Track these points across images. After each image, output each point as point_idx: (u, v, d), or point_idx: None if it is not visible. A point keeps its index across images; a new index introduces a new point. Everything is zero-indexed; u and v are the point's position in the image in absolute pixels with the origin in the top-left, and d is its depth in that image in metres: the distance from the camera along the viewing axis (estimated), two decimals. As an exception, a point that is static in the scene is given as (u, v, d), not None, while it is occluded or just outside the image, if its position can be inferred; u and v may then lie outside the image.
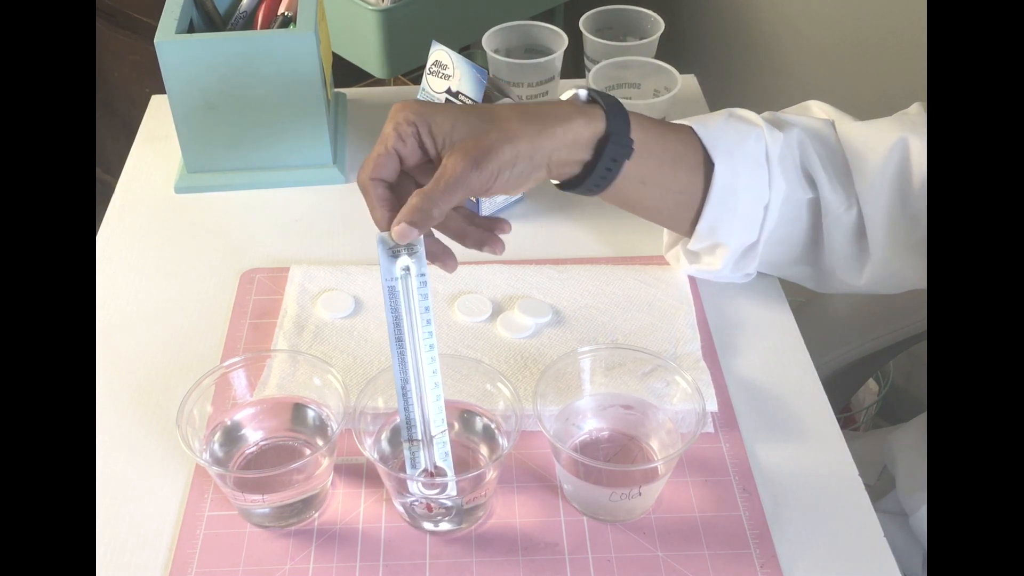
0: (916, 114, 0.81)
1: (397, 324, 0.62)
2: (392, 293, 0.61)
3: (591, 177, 0.70)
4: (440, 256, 0.68)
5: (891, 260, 0.78)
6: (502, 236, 0.69)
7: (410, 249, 0.61)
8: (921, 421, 0.92)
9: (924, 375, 0.80)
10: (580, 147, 0.69)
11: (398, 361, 0.62)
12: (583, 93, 0.72)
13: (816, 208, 0.79)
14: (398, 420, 0.70)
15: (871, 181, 0.76)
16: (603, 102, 0.70)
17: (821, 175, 0.78)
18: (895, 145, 0.76)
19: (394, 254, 0.61)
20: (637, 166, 0.71)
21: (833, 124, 0.80)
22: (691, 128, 0.76)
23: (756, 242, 0.79)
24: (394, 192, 0.66)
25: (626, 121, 0.70)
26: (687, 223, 0.78)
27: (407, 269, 0.61)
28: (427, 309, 0.62)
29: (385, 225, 0.64)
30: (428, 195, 0.63)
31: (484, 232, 0.69)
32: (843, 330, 1.08)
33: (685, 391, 0.69)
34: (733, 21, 1.71)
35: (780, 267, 0.84)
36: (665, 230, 0.85)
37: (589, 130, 0.68)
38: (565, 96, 0.74)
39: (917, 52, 1.43)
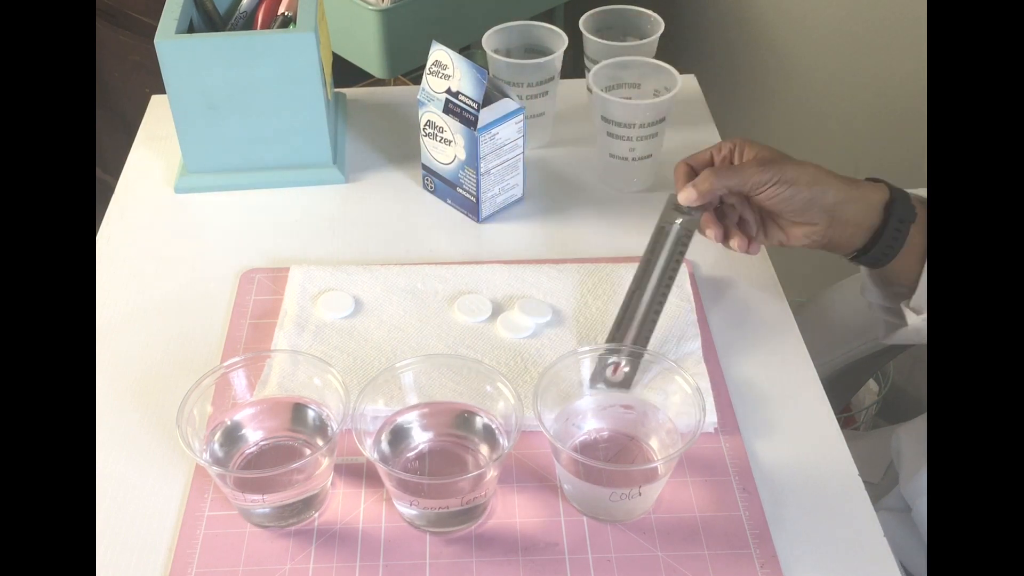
0: None
1: (653, 256, 0.78)
2: (660, 232, 0.78)
3: (882, 239, 0.75)
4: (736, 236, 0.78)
5: None
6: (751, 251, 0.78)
7: (687, 216, 0.77)
8: (925, 417, 0.91)
9: (924, 375, 0.80)
10: (872, 209, 0.75)
11: (639, 277, 0.78)
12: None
13: None
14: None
15: None
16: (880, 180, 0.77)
17: None
18: None
19: (676, 208, 0.78)
20: (917, 234, 0.75)
21: None
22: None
23: None
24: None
25: (904, 192, 0.76)
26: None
27: (677, 224, 0.77)
28: (678, 263, 0.77)
29: (678, 190, 0.78)
30: (710, 172, 0.76)
31: (745, 238, 0.78)
32: (843, 330, 1.08)
33: (685, 391, 0.68)
34: (733, 21, 1.71)
35: None
36: (881, 321, 0.85)
37: (878, 194, 0.75)
38: None
39: (917, 53, 1.43)
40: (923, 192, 0.78)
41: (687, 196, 0.76)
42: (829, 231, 0.75)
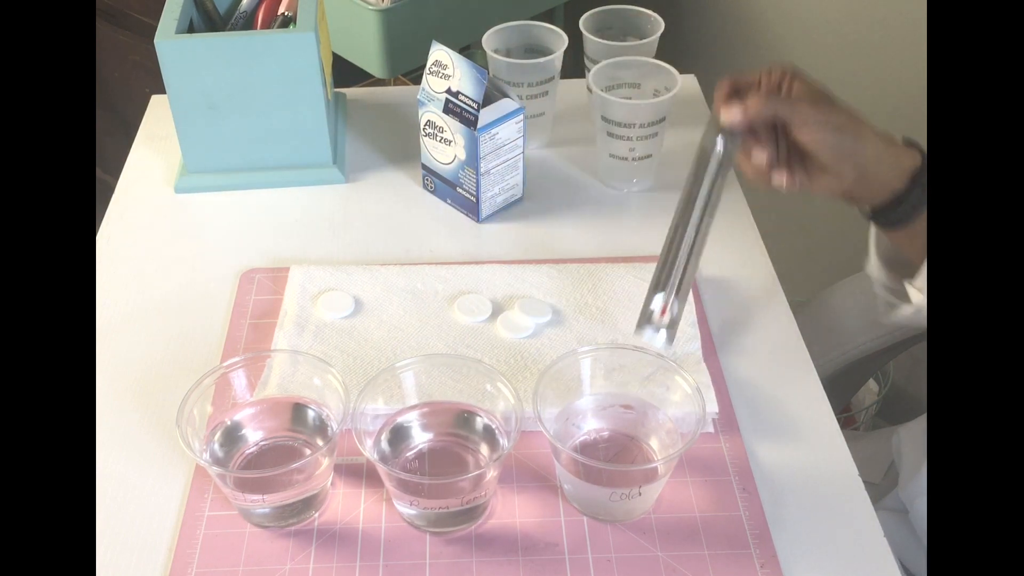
0: None
1: (696, 182, 0.74)
2: (703, 153, 0.74)
3: (901, 206, 0.74)
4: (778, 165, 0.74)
5: None
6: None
7: (732, 139, 0.73)
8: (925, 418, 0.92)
9: (924, 375, 0.80)
10: (901, 174, 0.73)
11: (681, 208, 0.74)
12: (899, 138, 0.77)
13: None
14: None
15: None
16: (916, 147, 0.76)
17: None
18: None
19: (720, 132, 0.73)
20: None
21: None
22: None
23: None
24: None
25: None
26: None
27: (722, 148, 0.73)
28: (720, 191, 0.74)
29: (718, 110, 0.74)
30: (762, 96, 0.73)
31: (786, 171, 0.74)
32: (843, 330, 1.08)
33: (685, 391, 0.68)
34: (733, 21, 1.71)
35: None
36: (881, 301, 0.85)
37: (910, 159, 0.73)
38: None
39: (918, 52, 1.43)
40: None
41: (732, 115, 0.72)
42: (853, 186, 0.73)
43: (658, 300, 0.71)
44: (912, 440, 0.89)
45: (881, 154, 0.73)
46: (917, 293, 0.78)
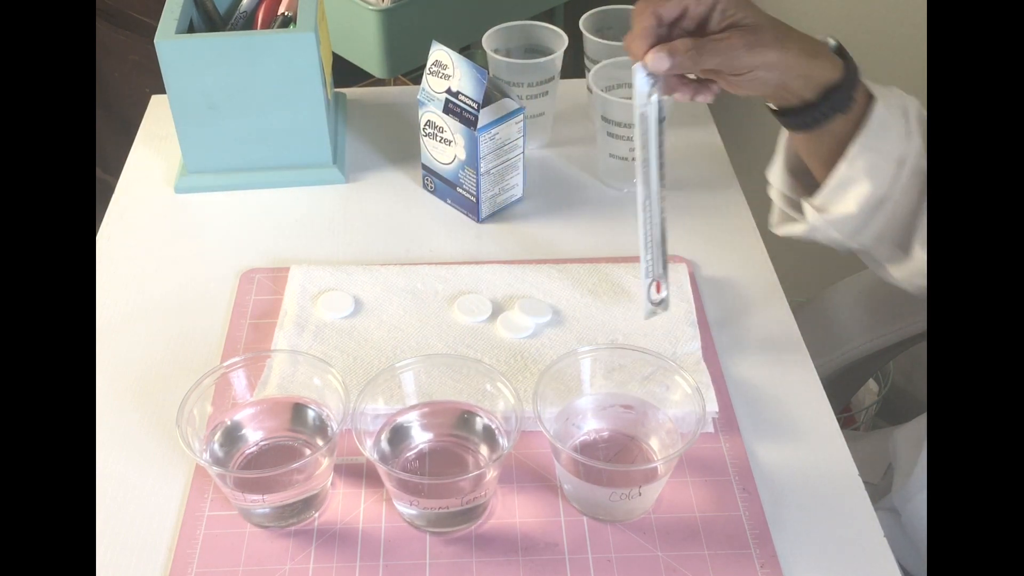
0: None
1: (644, 147, 0.73)
2: (643, 119, 0.72)
3: (806, 114, 0.74)
4: (698, 90, 0.73)
5: None
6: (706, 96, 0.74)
7: (659, 91, 0.71)
8: (922, 420, 0.91)
9: (924, 375, 0.80)
10: (812, 86, 0.73)
11: (642, 180, 0.73)
12: (832, 42, 0.76)
13: (925, 181, 0.78)
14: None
15: None
16: (845, 59, 0.74)
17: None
18: None
19: (648, 83, 0.70)
20: (845, 124, 0.75)
21: None
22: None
23: (886, 198, 0.77)
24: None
25: (855, 82, 0.74)
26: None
27: (655, 103, 0.71)
28: (662, 144, 0.73)
29: (640, 55, 0.70)
30: (699, 45, 0.68)
31: (706, 89, 0.73)
32: (843, 330, 1.07)
33: (685, 391, 0.68)
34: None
35: (885, 244, 0.82)
36: (775, 208, 0.85)
37: (826, 75, 0.72)
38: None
39: (918, 52, 1.43)
40: (895, 89, 0.78)
41: (658, 62, 0.68)
42: (774, 91, 0.73)
43: (649, 279, 0.75)
44: (907, 442, 0.89)
45: (803, 70, 0.72)
46: (813, 212, 0.79)
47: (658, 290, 0.75)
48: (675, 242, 0.91)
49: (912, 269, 0.82)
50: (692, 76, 0.74)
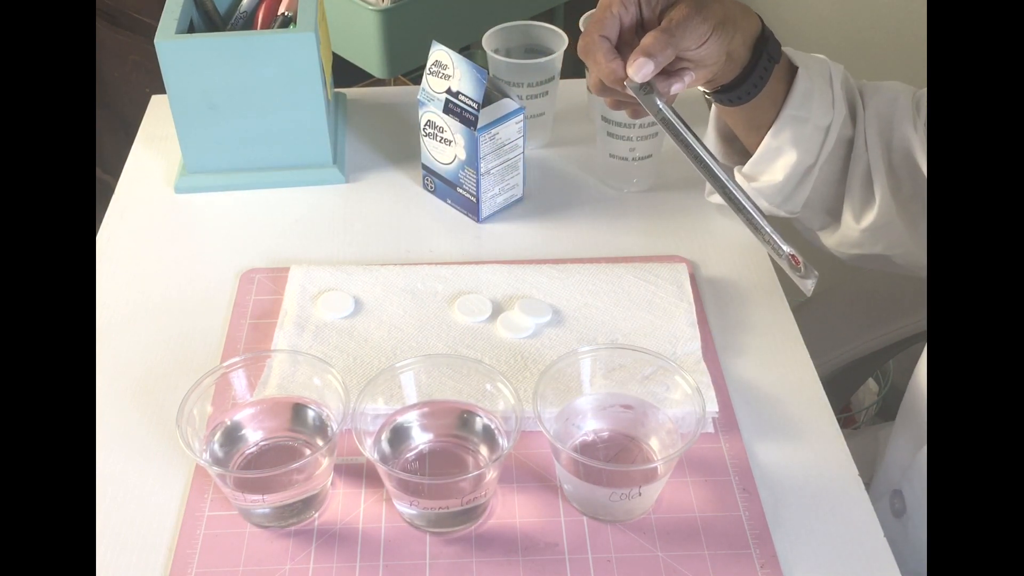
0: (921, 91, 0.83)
1: (688, 145, 0.73)
2: (667, 124, 0.73)
3: (750, 77, 0.75)
4: (675, 79, 0.72)
5: (887, 207, 0.80)
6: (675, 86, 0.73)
7: (658, 94, 0.72)
8: (904, 419, 0.92)
9: (924, 375, 0.80)
10: (746, 40, 0.74)
11: (708, 177, 0.74)
12: None
13: (850, 149, 0.81)
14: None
15: (872, 123, 0.81)
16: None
17: (861, 112, 0.81)
18: (892, 99, 0.81)
19: (647, 91, 0.71)
20: (775, 81, 0.76)
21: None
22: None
23: (813, 165, 0.80)
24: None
25: (768, 28, 0.76)
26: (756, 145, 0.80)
27: (661, 105, 0.72)
28: (698, 137, 0.73)
29: (619, 74, 0.71)
30: (661, 33, 0.69)
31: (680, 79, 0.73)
32: (843, 330, 1.08)
33: (685, 391, 0.68)
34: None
35: (814, 210, 0.85)
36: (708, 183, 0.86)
37: (753, 25, 0.74)
38: None
39: (918, 52, 1.43)
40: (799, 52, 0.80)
41: (643, 69, 0.69)
42: (722, 66, 0.73)
43: (785, 253, 0.73)
44: (891, 440, 0.89)
45: (737, 26, 0.72)
46: (744, 181, 0.81)
47: (796, 263, 0.73)
48: (675, 242, 0.91)
49: (842, 237, 0.85)
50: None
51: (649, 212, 0.95)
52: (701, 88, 0.77)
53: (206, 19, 0.99)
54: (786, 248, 0.73)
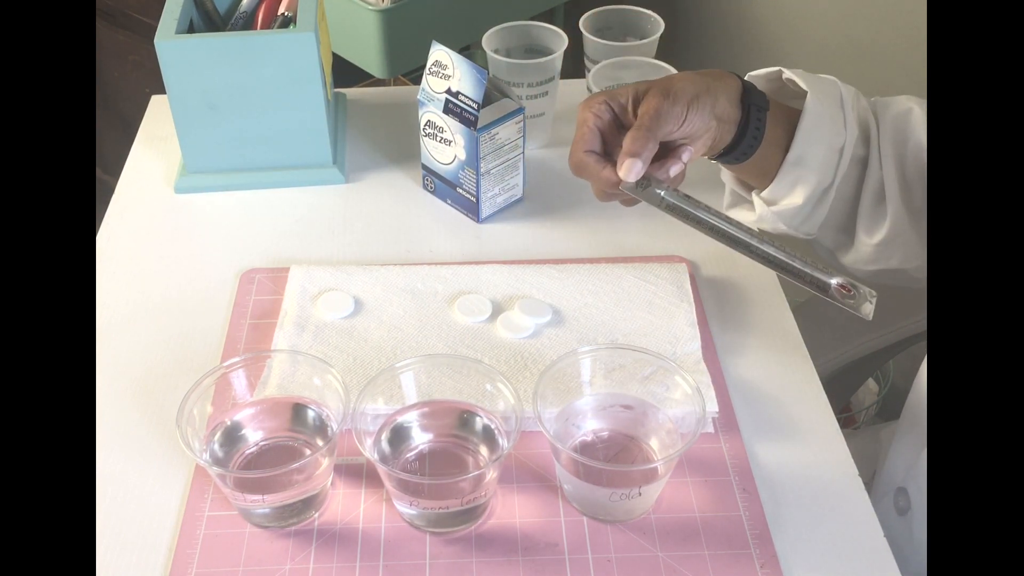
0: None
1: (701, 222, 0.74)
2: (675, 211, 0.74)
3: (747, 133, 0.75)
4: (671, 161, 0.74)
5: (900, 220, 0.80)
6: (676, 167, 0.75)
7: (657, 184, 0.74)
8: (908, 417, 0.92)
9: (924, 375, 0.80)
10: (734, 102, 0.75)
11: (732, 243, 0.74)
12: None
13: (864, 169, 0.81)
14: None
15: (886, 136, 0.80)
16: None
17: (875, 132, 0.81)
18: (907, 110, 0.81)
19: (644, 186, 0.73)
20: (771, 125, 0.76)
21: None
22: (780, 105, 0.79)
23: (830, 186, 0.80)
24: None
25: (746, 80, 0.77)
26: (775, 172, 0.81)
27: (664, 195, 0.74)
28: (707, 207, 0.74)
29: (614, 180, 0.74)
30: (638, 131, 0.72)
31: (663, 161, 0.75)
32: (843, 330, 1.08)
33: (685, 391, 0.68)
34: (733, 21, 1.71)
35: (830, 230, 0.85)
36: (727, 190, 0.87)
37: (733, 83, 0.75)
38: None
39: (917, 52, 1.43)
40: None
41: (632, 169, 0.72)
42: (716, 132, 0.74)
43: (832, 287, 0.71)
44: (889, 441, 0.89)
45: (719, 91, 0.74)
46: (762, 204, 0.81)
47: (847, 291, 0.70)
48: (675, 242, 0.91)
49: (857, 254, 0.85)
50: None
51: (649, 212, 0.94)
52: (708, 156, 0.78)
53: (206, 19, 0.99)
54: (833, 281, 0.71)
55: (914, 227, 0.81)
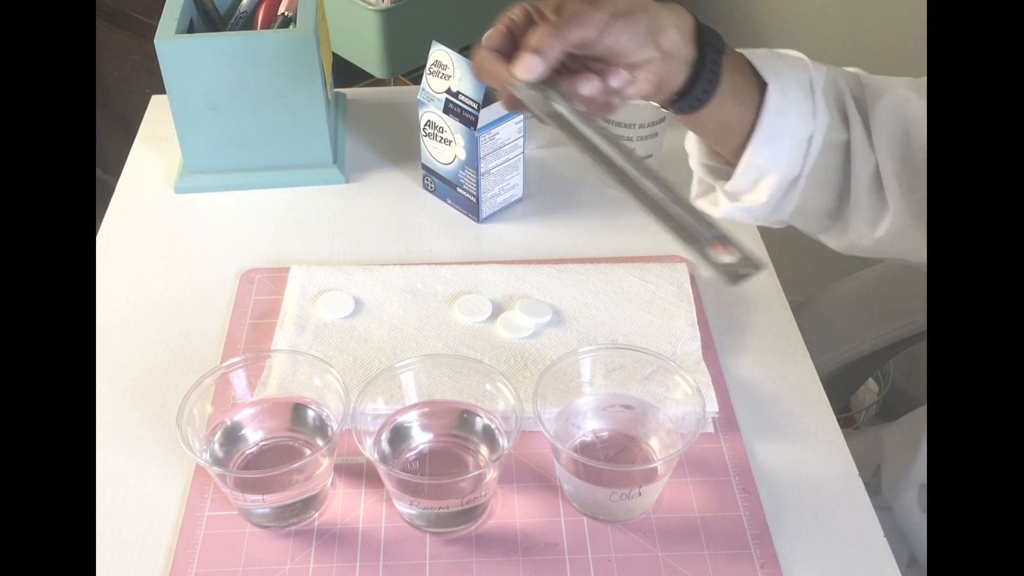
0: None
1: (579, 137, 0.64)
2: (558, 118, 0.64)
3: (702, 75, 0.68)
4: (580, 76, 0.65)
5: (901, 213, 0.78)
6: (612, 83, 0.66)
7: (552, 95, 0.63)
8: (912, 417, 0.92)
9: (924, 375, 0.80)
10: (687, 37, 0.68)
11: (602, 166, 0.63)
12: None
13: (848, 152, 0.78)
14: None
15: (882, 126, 0.77)
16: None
17: (854, 114, 0.77)
18: (905, 99, 0.77)
19: (541, 90, 0.63)
20: (728, 76, 0.70)
21: (859, 72, 0.81)
22: (740, 54, 0.74)
23: (798, 177, 0.76)
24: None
25: (699, 20, 0.71)
26: (735, 155, 0.76)
27: (560, 107, 0.63)
28: (601, 128, 0.64)
29: (503, 75, 0.64)
30: (546, 25, 0.63)
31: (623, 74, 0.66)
32: (843, 330, 1.08)
33: (685, 391, 0.68)
34: (733, 21, 1.71)
35: (809, 216, 0.81)
36: (695, 179, 0.82)
37: (688, 19, 0.68)
38: None
39: (917, 51, 1.43)
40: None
41: (528, 65, 0.62)
42: (661, 66, 0.66)
43: (704, 246, 0.62)
44: (896, 439, 0.89)
45: (666, 17, 0.66)
46: (725, 200, 0.76)
47: (726, 250, 0.61)
48: (675, 242, 0.90)
49: (852, 245, 0.82)
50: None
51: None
52: (655, 104, 0.72)
53: (206, 19, 0.99)
54: (710, 235, 0.61)
55: (916, 219, 0.79)
